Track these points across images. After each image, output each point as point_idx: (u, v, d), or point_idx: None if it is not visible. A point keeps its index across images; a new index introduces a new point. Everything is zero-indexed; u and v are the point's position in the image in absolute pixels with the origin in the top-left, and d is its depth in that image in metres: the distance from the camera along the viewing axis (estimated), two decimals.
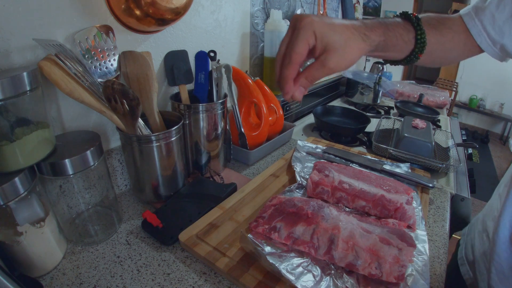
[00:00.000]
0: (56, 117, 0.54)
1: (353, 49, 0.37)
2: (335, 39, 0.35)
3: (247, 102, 0.83)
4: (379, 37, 0.39)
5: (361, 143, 1.00)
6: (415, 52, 0.42)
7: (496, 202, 0.57)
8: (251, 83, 0.82)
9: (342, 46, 0.36)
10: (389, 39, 0.40)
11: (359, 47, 0.37)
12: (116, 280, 0.45)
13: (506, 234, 0.52)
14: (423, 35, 0.41)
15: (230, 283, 0.45)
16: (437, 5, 5.05)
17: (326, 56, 0.36)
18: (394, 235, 0.47)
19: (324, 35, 0.35)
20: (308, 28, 0.35)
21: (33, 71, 0.41)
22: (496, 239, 0.53)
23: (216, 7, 0.81)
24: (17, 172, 0.40)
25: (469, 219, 0.71)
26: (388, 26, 0.40)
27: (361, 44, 0.37)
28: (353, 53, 0.37)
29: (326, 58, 0.36)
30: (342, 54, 0.36)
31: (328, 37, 0.35)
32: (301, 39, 0.35)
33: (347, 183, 0.61)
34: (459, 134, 1.23)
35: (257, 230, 0.50)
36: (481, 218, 0.63)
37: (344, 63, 0.37)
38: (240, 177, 0.75)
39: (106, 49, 0.54)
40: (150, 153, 0.56)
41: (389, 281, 0.42)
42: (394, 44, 0.40)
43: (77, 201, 0.51)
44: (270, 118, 0.88)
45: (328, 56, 0.36)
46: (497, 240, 0.52)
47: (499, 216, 0.53)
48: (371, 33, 0.38)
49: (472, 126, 4.41)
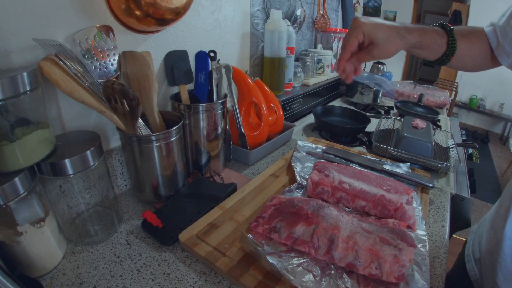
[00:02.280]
0: (56, 117, 0.54)
1: (392, 45, 0.49)
2: (378, 36, 0.49)
3: (247, 102, 0.83)
4: (415, 38, 0.50)
5: (361, 143, 1.00)
6: (447, 54, 0.52)
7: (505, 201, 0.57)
8: (251, 83, 0.82)
9: (383, 42, 0.49)
10: (424, 41, 0.51)
11: (396, 44, 0.50)
12: (116, 280, 0.45)
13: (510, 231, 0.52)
14: (454, 41, 0.51)
15: (230, 283, 0.45)
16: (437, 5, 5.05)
17: (371, 48, 0.50)
18: (394, 235, 0.47)
19: (370, 33, 0.49)
20: (360, 28, 0.49)
21: (33, 71, 0.41)
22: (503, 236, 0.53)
23: (216, 7, 0.81)
24: (17, 172, 0.40)
25: (469, 219, 0.72)
26: (425, 31, 0.51)
27: (398, 42, 0.49)
28: (391, 48, 0.50)
29: (371, 49, 0.50)
30: (383, 48, 0.49)
31: (373, 34, 0.49)
32: (353, 35, 0.50)
33: (347, 183, 0.61)
34: (459, 134, 1.23)
35: (257, 230, 0.50)
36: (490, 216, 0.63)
37: (383, 54, 0.50)
38: (240, 177, 0.75)
39: (106, 49, 0.54)
40: (150, 153, 0.56)
41: (389, 281, 0.42)
42: (428, 45, 0.52)
43: (77, 201, 0.51)
44: (270, 118, 0.88)
45: (373, 48, 0.50)
46: (504, 237, 0.53)
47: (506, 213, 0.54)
48: (409, 34, 0.50)
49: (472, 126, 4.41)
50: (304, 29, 1.35)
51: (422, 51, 0.53)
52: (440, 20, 0.60)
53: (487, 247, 0.59)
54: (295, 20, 1.22)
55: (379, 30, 0.49)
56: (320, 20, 1.40)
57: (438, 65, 0.56)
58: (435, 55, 0.53)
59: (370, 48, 0.50)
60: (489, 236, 0.60)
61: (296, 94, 1.10)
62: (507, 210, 0.54)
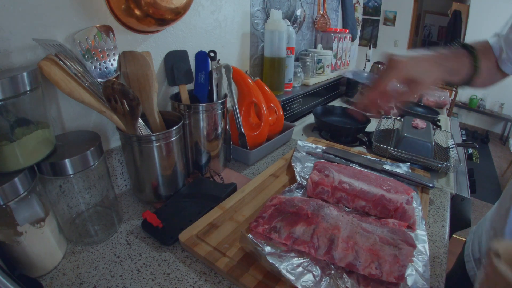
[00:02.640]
0: (56, 117, 0.54)
1: (433, 77, 0.48)
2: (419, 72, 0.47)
3: (247, 102, 0.83)
4: (452, 64, 0.50)
5: (361, 143, 1.00)
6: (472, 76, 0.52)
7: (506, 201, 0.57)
8: (251, 83, 0.82)
9: (425, 76, 0.47)
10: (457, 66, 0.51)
11: (436, 75, 0.48)
12: (116, 280, 0.45)
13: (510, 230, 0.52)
14: (477, 62, 0.51)
15: (230, 283, 0.45)
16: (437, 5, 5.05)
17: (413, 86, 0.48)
18: (394, 235, 0.47)
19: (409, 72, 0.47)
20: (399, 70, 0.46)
21: (33, 71, 0.41)
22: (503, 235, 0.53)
23: (216, 7, 0.81)
24: (17, 172, 0.40)
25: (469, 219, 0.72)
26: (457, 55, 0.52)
27: (438, 73, 0.48)
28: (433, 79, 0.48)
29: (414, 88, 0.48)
30: (425, 83, 0.47)
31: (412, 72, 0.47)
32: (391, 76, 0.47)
33: (347, 183, 0.61)
34: (459, 134, 1.23)
35: (257, 230, 0.50)
36: (490, 216, 0.63)
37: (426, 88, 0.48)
38: (240, 177, 0.75)
39: (106, 49, 0.54)
40: (150, 153, 0.56)
41: (389, 281, 0.42)
42: (460, 69, 0.51)
43: (77, 201, 0.51)
44: (270, 118, 0.88)
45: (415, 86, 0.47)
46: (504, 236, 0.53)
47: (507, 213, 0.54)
48: (445, 61, 0.49)
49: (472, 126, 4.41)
50: (304, 29, 1.35)
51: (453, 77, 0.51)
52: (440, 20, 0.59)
53: (488, 247, 0.59)
54: (295, 20, 1.22)
55: (418, 66, 0.47)
56: (320, 20, 1.40)
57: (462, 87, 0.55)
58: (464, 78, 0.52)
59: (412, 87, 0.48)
60: (489, 236, 0.60)
61: (296, 94, 1.10)
62: (507, 210, 0.55)
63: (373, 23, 4.64)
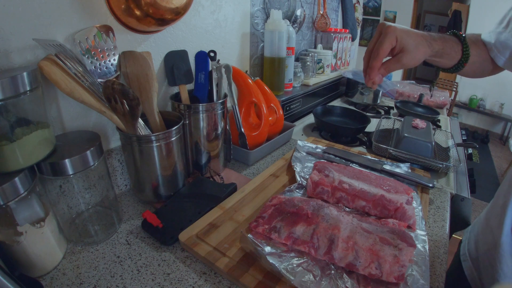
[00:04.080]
0: (56, 117, 0.54)
1: (421, 52, 0.49)
2: (409, 42, 0.48)
3: (247, 102, 0.83)
4: (439, 46, 0.51)
5: (361, 143, 1.00)
6: (461, 61, 0.54)
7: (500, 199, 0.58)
8: (251, 83, 0.82)
9: (414, 48, 0.48)
10: (445, 49, 0.52)
11: (424, 51, 0.50)
12: (116, 280, 0.45)
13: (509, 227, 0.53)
14: (467, 48, 0.53)
15: (230, 283, 0.45)
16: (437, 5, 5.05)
17: (402, 55, 0.49)
18: (394, 235, 0.47)
19: (402, 39, 0.48)
20: (393, 33, 0.48)
21: (33, 71, 0.41)
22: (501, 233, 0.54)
23: (216, 7, 0.81)
24: (17, 172, 0.40)
25: (469, 219, 0.72)
26: (445, 39, 0.53)
27: (426, 49, 0.50)
28: (420, 54, 0.49)
29: (402, 56, 0.49)
30: (413, 55, 0.48)
31: (405, 40, 0.48)
32: (387, 40, 0.48)
33: (347, 183, 0.61)
34: (459, 134, 1.23)
35: (257, 230, 0.50)
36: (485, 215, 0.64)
37: (413, 61, 0.49)
38: (240, 177, 0.75)
39: (106, 49, 0.54)
40: (150, 153, 0.56)
41: (389, 281, 0.42)
42: (448, 53, 0.53)
43: (77, 201, 0.51)
44: (270, 118, 0.88)
45: (403, 55, 0.49)
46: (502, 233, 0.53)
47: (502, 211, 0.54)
48: (434, 42, 0.51)
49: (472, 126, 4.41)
50: (304, 29, 1.35)
51: (441, 59, 0.54)
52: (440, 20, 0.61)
53: (485, 246, 0.60)
54: (295, 20, 1.22)
55: (410, 37, 0.48)
56: (320, 20, 1.40)
57: (451, 72, 0.57)
58: (451, 62, 0.55)
59: (400, 56, 0.49)
60: (486, 234, 0.60)
61: (296, 94, 1.10)
62: (502, 208, 0.55)
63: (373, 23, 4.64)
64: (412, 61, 0.49)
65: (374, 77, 0.51)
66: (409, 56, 0.48)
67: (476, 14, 3.94)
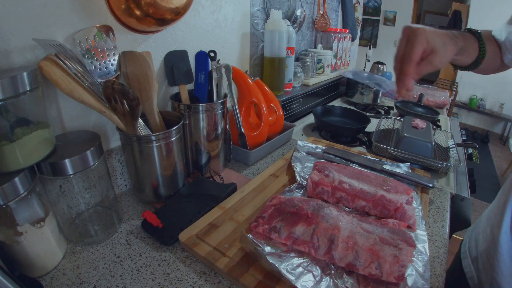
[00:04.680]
0: (56, 117, 0.54)
1: (449, 51, 0.49)
2: (438, 43, 0.47)
3: (247, 102, 0.83)
4: (462, 43, 0.51)
5: (361, 143, 1.00)
6: (479, 58, 0.54)
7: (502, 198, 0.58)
8: (251, 83, 0.82)
9: (442, 48, 0.47)
10: (466, 46, 0.52)
11: (451, 49, 0.49)
12: (116, 280, 0.45)
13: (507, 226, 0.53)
14: (484, 45, 0.54)
15: (230, 283, 0.45)
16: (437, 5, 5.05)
17: (432, 56, 0.47)
18: (394, 235, 0.47)
19: (432, 40, 0.47)
20: (422, 35, 0.47)
21: (33, 71, 0.41)
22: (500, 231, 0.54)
23: (216, 7, 0.81)
24: (17, 172, 0.40)
25: (469, 219, 0.72)
26: (465, 36, 0.53)
27: (453, 47, 0.49)
28: (449, 53, 0.49)
29: (433, 57, 0.47)
30: (443, 54, 0.48)
31: (434, 41, 0.47)
32: (418, 43, 0.46)
33: (347, 183, 0.61)
34: (459, 134, 1.23)
35: (257, 230, 0.50)
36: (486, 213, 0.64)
37: (443, 61, 0.48)
38: (240, 177, 0.75)
39: (106, 49, 0.54)
40: (150, 153, 0.56)
41: (389, 281, 0.42)
42: (468, 49, 0.53)
43: (77, 201, 0.51)
44: (270, 118, 0.88)
45: (434, 56, 0.47)
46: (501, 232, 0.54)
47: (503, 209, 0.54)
48: (457, 39, 0.51)
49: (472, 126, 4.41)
50: (304, 29, 1.35)
51: (462, 56, 0.53)
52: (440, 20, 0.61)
53: (484, 245, 0.60)
54: (295, 20, 1.22)
55: (437, 36, 0.47)
56: (320, 20, 1.40)
57: (469, 70, 0.57)
58: (470, 60, 0.55)
59: (431, 58, 0.47)
60: (486, 233, 0.60)
61: (296, 94, 1.10)
62: (503, 206, 0.55)
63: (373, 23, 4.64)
64: (443, 61, 0.48)
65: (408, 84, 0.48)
66: (439, 56, 0.47)
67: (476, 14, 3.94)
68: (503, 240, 0.54)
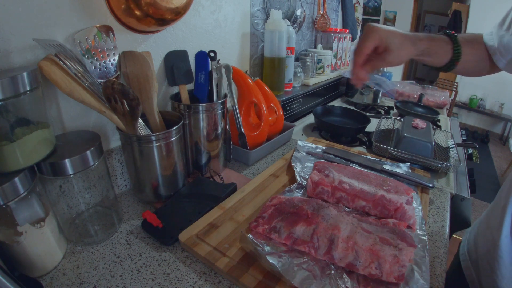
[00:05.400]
0: (56, 117, 0.54)
1: (405, 51, 0.51)
2: (393, 42, 0.50)
3: (247, 102, 0.83)
4: (424, 45, 0.52)
5: (361, 143, 1.00)
6: (453, 60, 0.55)
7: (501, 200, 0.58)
8: (251, 83, 0.82)
9: (398, 47, 0.50)
10: (432, 48, 0.53)
11: (409, 50, 0.51)
12: (116, 280, 0.45)
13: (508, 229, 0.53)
14: (458, 47, 0.54)
15: (230, 283, 0.45)
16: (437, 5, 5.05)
17: (386, 54, 0.50)
18: (394, 235, 0.47)
19: (386, 39, 0.50)
20: (376, 32, 0.50)
21: (33, 71, 0.41)
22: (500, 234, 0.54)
23: (216, 7, 0.81)
24: (17, 172, 0.40)
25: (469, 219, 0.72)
26: (433, 38, 0.54)
27: (411, 48, 0.51)
28: (404, 54, 0.51)
29: (386, 55, 0.50)
30: (397, 53, 0.50)
31: (389, 40, 0.50)
32: (369, 39, 0.50)
33: (347, 183, 0.61)
34: (459, 134, 1.23)
35: (257, 230, 0.50)
36: (485, 216, 0.64)
37: (397, 59, 0.51)
38: (240, 177, 0.75)
39: (106, 49, 0.54)
40: (150, 153, 0.56)
41: (389, 281, 0.42)
42: (435, 52, 0.54)
43: (77, 201, 0.51)
44: (270, 118, 0.88)
45: (387, 54, 0.50)
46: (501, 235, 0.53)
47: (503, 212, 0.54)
48: (420, 42, 0.52)
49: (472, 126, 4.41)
50: (304, 29, 1.35)
51: (430, 58, 0.55)
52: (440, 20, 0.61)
53: (484, 248, 0.60)
54: (295, 20, 1.22)
55: (394, 37, 0.50)
56: (320, 20, 1.40)
57: (445, 71, 0.58)
58: (442, 61, 0.56)
59: (384, 55, 0.51)
60: (485, 235, 0.60)
61: (296, 94, 1.10)
62: (503, 209, 0.55)
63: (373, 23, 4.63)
64: (397, 59, 0.51)
65: (357, 72, 0.52)
66: (393, 55, 0.50)
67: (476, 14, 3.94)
68: (503, 243, 0.53)
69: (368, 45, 0.50)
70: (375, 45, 0.51)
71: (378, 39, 0.50)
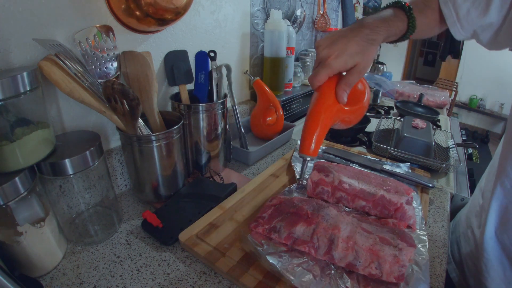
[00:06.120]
0: (56, 117, 0.54)
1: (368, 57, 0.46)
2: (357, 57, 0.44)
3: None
4: (383, 35, 0.47)
5: (361, 143, 1.00)
6: (407, 34, 0.51)
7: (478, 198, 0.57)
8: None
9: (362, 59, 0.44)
10: (390, 33, 0.49)
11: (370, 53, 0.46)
12: (116, 280, 0.45)
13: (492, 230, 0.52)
14: (414, 22, 0.49)
15: (230, 283, 0.45)
16: None
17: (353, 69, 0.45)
18: (394, 235, 0.47)
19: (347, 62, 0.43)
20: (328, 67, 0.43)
21: (33, 71, 0.41)
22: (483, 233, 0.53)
23: (216, 7, 0.81)
24: (17, 172, 0.40)
25: None
26: (389, 23, 0.48)
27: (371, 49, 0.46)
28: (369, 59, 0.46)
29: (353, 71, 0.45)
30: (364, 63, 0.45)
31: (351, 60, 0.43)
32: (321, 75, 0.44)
33: (347, 183, 0.61)
34: (459, 134, 1.23)
35: (257, 230, 0.50)
36: (465, 215, 0.63)
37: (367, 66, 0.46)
38: (240, 177, 0.75)
39: (106, 49, 0.54)
40: (150, 153, 0.56)
41: (389, 281, 0.42)
42: (393, 34, 0.49)
43: (77, 201, 0.51)
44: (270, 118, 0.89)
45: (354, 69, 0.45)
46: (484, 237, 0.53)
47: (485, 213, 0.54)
48: (377, 35, 0.46)
49: (472, 126, 4.40)
50: (304, 29, 1.35)
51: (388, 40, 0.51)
52: None
53: (467, 248, 0.59)
54: (295, 20, 1.21)
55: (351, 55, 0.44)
56: (320, 20, 1.40)
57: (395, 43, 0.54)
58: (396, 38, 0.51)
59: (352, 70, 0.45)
60: (467, 236, 0.59)
61: (296, 94, 1.10)
62: (482, 208, 0.54)
63: None
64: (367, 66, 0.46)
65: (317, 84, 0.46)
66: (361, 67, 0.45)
67: None
68: (488, 245, 0.53)
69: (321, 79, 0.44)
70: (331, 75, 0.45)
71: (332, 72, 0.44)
